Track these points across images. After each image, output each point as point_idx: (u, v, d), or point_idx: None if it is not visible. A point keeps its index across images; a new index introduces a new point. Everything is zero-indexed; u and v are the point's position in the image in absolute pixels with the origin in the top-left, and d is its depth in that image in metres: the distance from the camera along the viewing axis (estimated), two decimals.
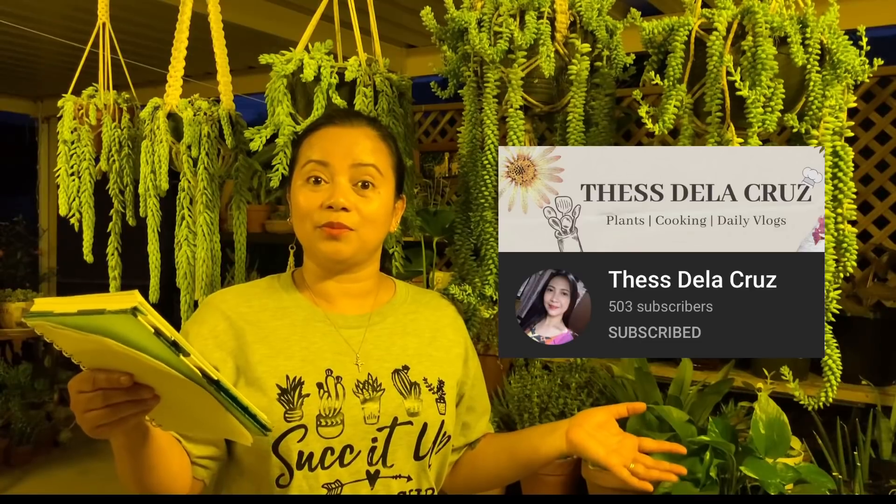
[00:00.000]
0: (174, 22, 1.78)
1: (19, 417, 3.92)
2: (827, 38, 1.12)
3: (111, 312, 0.72)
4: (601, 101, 1.34)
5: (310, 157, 1.11)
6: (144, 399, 0.83)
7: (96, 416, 0.82)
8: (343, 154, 1.10)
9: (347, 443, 1.05)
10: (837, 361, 1.18)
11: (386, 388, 1.09)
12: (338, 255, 1.10)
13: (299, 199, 1.11)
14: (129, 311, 0.71)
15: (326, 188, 1.09)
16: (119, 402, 0.82)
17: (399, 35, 3.16)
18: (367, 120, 1.18)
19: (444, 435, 1.13)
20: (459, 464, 1.25)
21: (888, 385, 2.14)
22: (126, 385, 0.80)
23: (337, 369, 1.08)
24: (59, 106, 2.01)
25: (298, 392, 1.05)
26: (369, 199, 1.10)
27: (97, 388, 0.81)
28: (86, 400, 0.82)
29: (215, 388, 0.80)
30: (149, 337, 0.74)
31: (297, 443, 1.03)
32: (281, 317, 1.12)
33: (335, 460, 1.05)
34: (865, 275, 2.40)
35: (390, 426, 1.08)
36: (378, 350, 1.12)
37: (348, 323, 1.14)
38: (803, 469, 1.60)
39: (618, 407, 1.13)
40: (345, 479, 1.06)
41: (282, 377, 1.06)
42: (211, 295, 1.17)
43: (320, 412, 1.04)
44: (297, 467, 1.04)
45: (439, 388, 1.14)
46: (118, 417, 0.83)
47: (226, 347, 1.09)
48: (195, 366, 0.78)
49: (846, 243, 1.17)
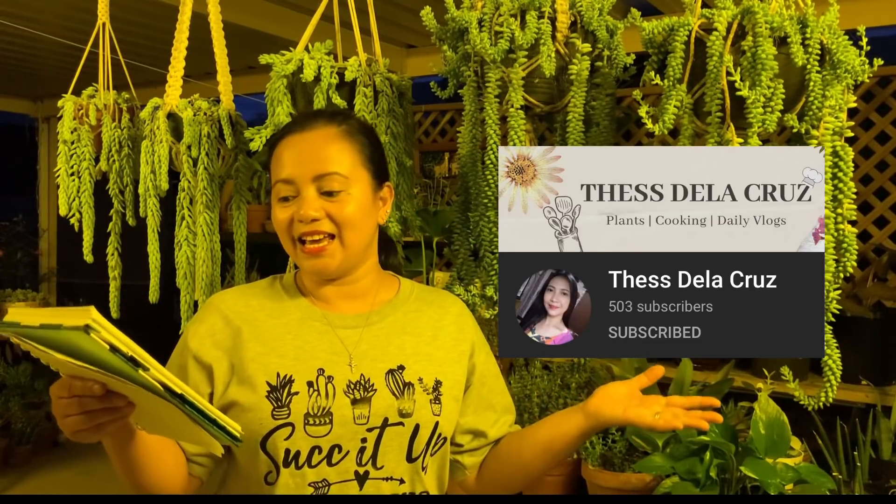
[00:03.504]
0: (174, 22, 1.78)
1: (19, 417, 3.92)
2: (827, 38, 1.12)
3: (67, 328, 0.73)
4: (601, 101, 1.34)
5: (277, 177, 1.11)
6: (118, 406, 0.85)
7: (73, 421, 0.85)
8: (305, 167, 1.08)
9: (336, 442, 1.05)
10: (837, 361, 1.18)
11: (378, 388, 1.08)
12: (324, 271, 1.10)
13: (276, 215, 1.11)
14: (81, 328, 0.73)
15: (295, 202, 1.09)
16: (94, 409, 0.84)
17: (399, 35, 3.16)
18: (328, 118, 1.14)
19: (438, 436, 1.11)
20: (485, 465, 1.22)
21: (888, 385, 2.14)
22: (99, 393, 0.82)
23: (329, 369, 1.08)
24: (59, 106, 2.01)
25: (287, 390, 1.05)
26: (341, 202, 1.08)
27: (73, 394, 0.83)
28: (63, 405, 0.84)
29: (180, 402, 0.82)
30: (105, 353, 0.75)
31: (284, 440, 1.03)
32: (278, 316, 1.12)
33: (322, 459, 1.05)
34: (865, 275, 2.40)
35: (380, 427, 1.07)
36: (374, 350, 1.12)
37: (346, 323, 1.13)
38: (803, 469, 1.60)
39: (638, 378, 1.09)
40: (332, 478, 1.05)
41: (272, 374, 1.06)
42: (213, 295, 1.18)
43: (308, 411, 1.04)
44: (284, 465, 1.04)
45: (435, 389, 1.12)
46: (94, 423, 0.85)
47: (222, 346, 1.09)
48: (155, 380, 0.79)
49: (846, 243, 1.17)
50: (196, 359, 1.09)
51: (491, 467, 1.22)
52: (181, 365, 1.10)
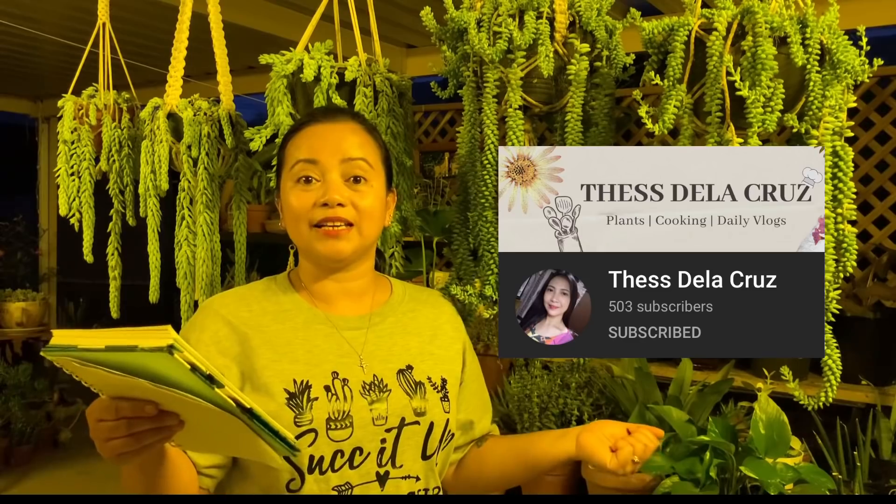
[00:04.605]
0: (174, 22, 1.78)
1: (19, 417, 3.92)
2: (827, 38, 1.12)
3: (144, 350, 0.69)
4: (601, 101, 1.34)
5: (298, 157, 1.09)
6: (169, 426, 0.81)
7: (119, 444, 0.80)
8: (332, 150, 1.09)
9: (357, 445, 1.05)
10: (837, 361, 1.18)
11: (392, 388, 1.09)
12: (338, 254, 1.09)
13: (291, 200, 1.09)
14: (164, 349, 0.69)
15: (318, 186, 1.08)
16: (143, 430, 0.80)
17: (399, 35, 3.16)
18: (351, 115, 1.16)
19: (449, 433, 1.13)
20: (465, 463, 1.24)
21: (888, 385, 2.14)
22: (152, 414, 0.79)
23: (342, 371, 1.07)
24: (59, 106, 2.01)
25: (307, 396, 1.04)
26: (363, 193, 1.09)
27: (121, 416, 0.78)
28: (108, 429, 0.79)
29: (248, 417, 0.78)
30: (185, 373, 0.72)
31: (308, 447, 1.02)
32: (282, 320, 1.11)
33: (345, 463, 1.04)
34: (865, 275, 2.40)
35: (398, 427, 1.07)
36: (381, 350, 1.12)
37: (349, 324, 1.13)
38: (803, 469, 1.60)
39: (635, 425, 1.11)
40: (355, 481, 1.05)
41: (289, 381, 1.04)
42: (209, 299, 1.15)
43: (329, 415, 1.03)
44: (309, 472, 1.03)
45: (443, 387, 1.13)
46: (142, 445, 0.81)
47: (229, 354, 1.07)
48: (229, 397, 0.76)
49: (846, 243, 1.16)
50: None
51: (471, 467, 1.24)
52: None
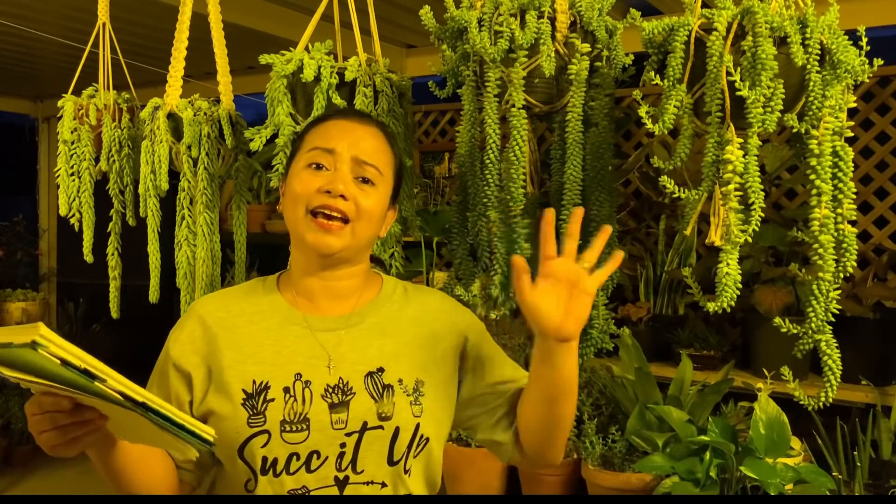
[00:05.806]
0: (174, 22, 1.78)
1: (19, 417, 3.92)
2: (827, 39, 1.12)
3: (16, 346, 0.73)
4: (601, 101, 1.34)
5: (315, 144, 1.10)
6: (89, 419, 0.86)
7: (48, 437, 0.87)
8: (349, 145, 1.09)
9: (314, 448, 1.04)
10: (837, 361, 1.18)
11: (357, 391, 1.07)
12: (327, 248, 1.07)
13: (295, 183, 1.09)
14: (29, 344, 0.72)
15: (327, 174, 1.08)
16: (65, 423, 0.85)
17: (399, 35, 3.16)
18: (376, 122, 1.18)
19: (420, 438, 1.09)
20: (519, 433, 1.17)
21: (888, 385, 2.14)
22: (67, 408, 0.84)
23: (307, 373, 1.06)
24: (59, 106, 2.01)
25: (263, 397, 1.04)
26: (367, 193, 1.09)
27: (44, 411, 0.85)
28: (36, 422, 0.86)
29: (142, 410, 0.81)
30: (57, 367, 0.75)
31: (261, 448, 1.02)
32: (257, 321, 1.11)
33: (301, 466, 1.04)
34: (865, 275, 2.40)
35: (360, 431, 1.05)
36: (353, 353, 1.10)
37: (326, 325, 1.11)
38: (803, 469, 1.60)
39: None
40: (312, 485, 1.04)
41: (248, 382, 1.05)
42: (197, 300, 1.19)
43: (284, 417, 1.03)
44: (262, 472, 1.03)
45: (416, 390, 1.10)
46: (68, 438, 0.87)
47: (200, 353, 1.09)
48: (113, 390, 0.78)
49: (846, 243, 1.16)
50: (176, 366, 1.09)
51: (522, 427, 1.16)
52: (163, 372, 1.10)
